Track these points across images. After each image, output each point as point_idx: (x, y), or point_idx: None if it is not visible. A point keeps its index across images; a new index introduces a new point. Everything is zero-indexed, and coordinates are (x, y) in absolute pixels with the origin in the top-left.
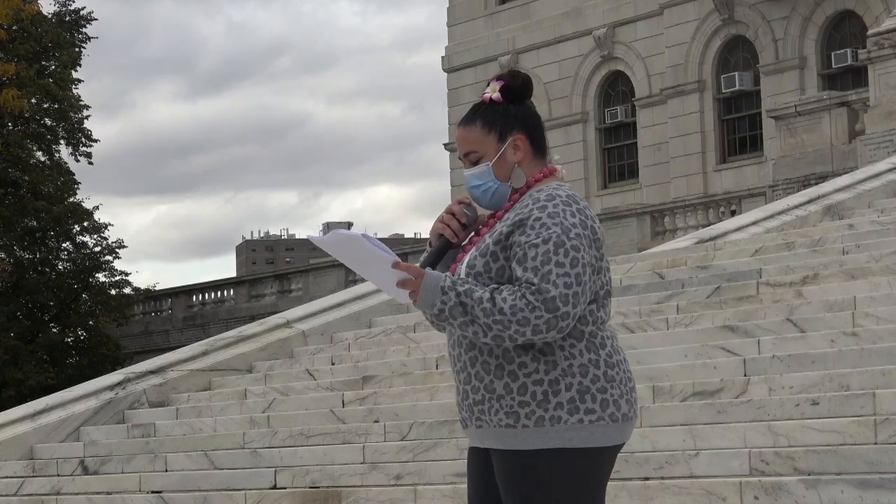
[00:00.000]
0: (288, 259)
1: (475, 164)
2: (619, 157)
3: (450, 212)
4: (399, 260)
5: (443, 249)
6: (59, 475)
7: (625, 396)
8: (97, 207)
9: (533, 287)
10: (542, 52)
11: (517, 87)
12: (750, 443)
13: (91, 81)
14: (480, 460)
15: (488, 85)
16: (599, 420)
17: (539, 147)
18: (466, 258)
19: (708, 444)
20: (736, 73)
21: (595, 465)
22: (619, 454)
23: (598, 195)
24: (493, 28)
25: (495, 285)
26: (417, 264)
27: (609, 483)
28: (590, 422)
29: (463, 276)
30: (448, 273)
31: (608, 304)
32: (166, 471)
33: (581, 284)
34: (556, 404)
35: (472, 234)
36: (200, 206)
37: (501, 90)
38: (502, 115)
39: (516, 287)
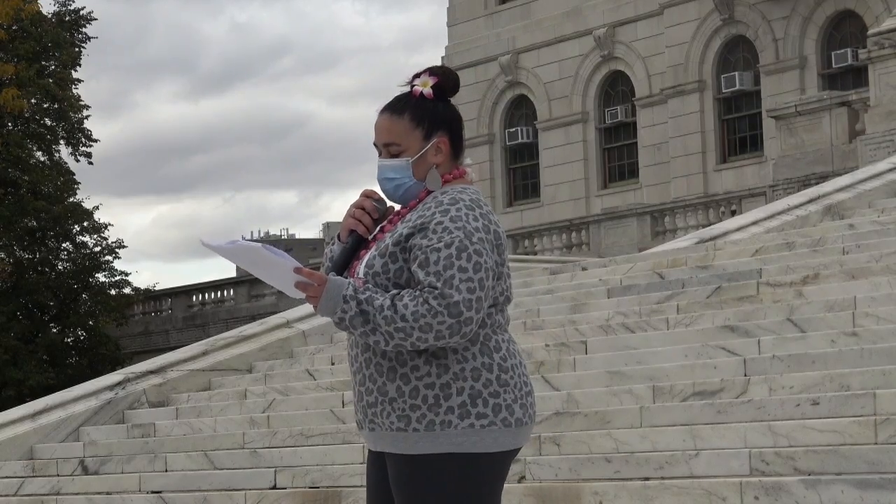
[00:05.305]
0: None
1: (394, 156)
2: (619, 157)
3: (360, 206)
4: (300, 265)
5: (356, 247)
6: (58, 475)
7: (519, 401)
8: (97, 207)
9: (436, 291)
10: (542, 52)
11: (449, 86)
12: (750, 443)
13: (91, 81)
14: (376, 464)
15: (418, 76)
16: (491, 425)
17: (457, 150)
18: (366, 258)
19: (708, 444)
20: (736, 73)
21: (486, 470)
22: (619, 454)
23: (598, 195)
24: (493, 28)
25: (395, 291)
26: (327, 262)
27: (609, 483)
28: (481, 426)
29: (361, 275)
30: (351, 280)
31: (506, 310)
32: (166, 471)
33: (484, 289)
34: (447, 408)
35: (378, 229)
36: (200, 206)
37: (434, 87)
38: (431, 113)
39: (417, 292)
